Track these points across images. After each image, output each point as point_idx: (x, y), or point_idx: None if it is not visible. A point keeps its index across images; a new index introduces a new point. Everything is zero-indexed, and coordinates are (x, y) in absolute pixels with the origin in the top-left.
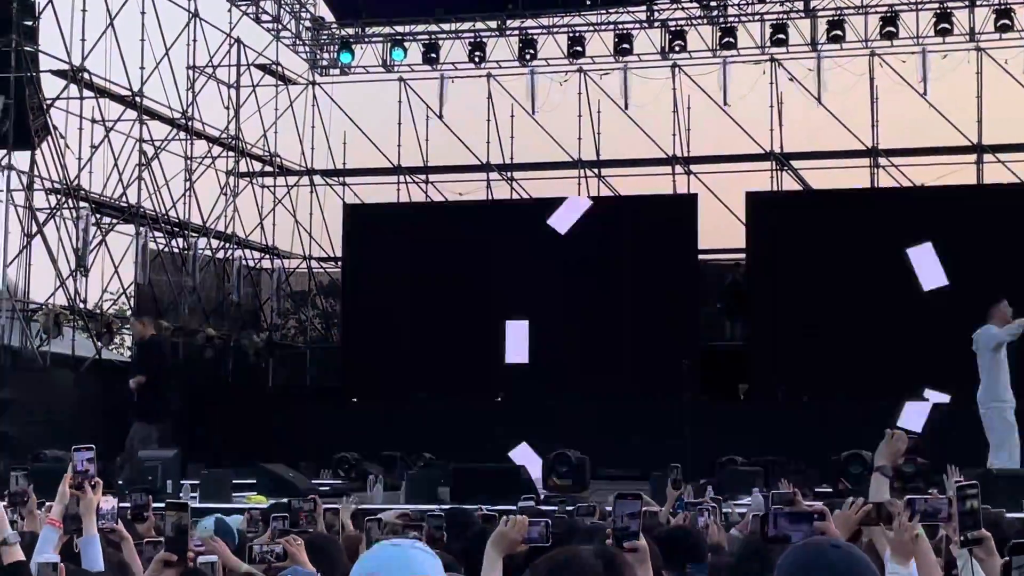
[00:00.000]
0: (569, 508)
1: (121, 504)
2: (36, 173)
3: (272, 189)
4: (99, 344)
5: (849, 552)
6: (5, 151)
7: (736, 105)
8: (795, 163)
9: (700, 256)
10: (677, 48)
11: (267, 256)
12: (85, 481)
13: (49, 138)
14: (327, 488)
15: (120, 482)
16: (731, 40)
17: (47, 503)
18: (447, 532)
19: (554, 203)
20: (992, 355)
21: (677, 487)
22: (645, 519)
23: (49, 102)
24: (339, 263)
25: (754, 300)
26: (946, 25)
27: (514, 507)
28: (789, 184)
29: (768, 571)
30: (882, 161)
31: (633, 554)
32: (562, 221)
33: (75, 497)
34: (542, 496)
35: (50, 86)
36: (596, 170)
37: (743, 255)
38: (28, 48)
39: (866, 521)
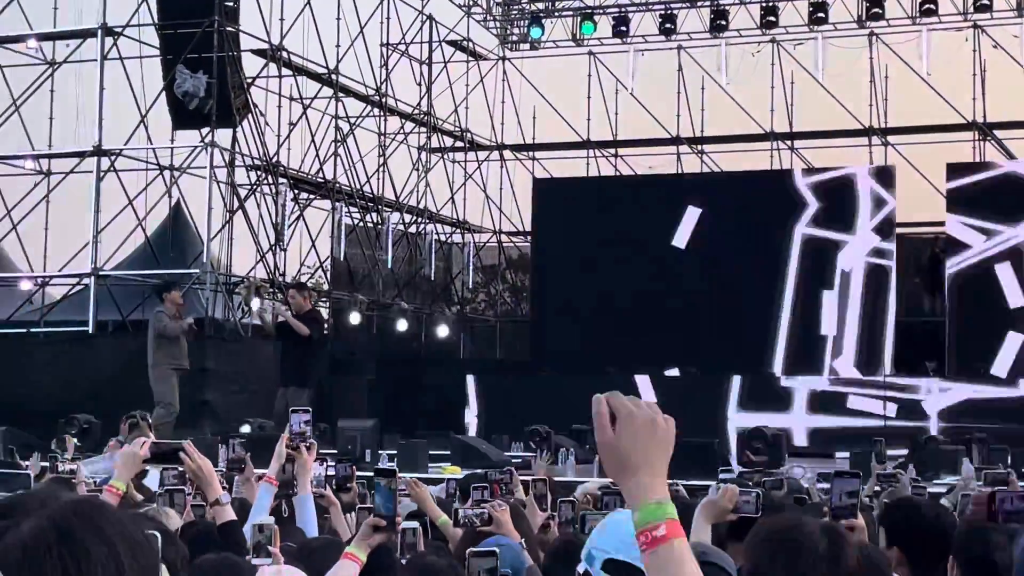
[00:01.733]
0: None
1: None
2: (237, 150)
3: (463, 164)
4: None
5: None
6: (208, 129)
7: (936, 74)
8: (999, 133)
9: (898, 229)
10: (875, 16)
11: (458, 230)
12: (301, 443)
13: (249, 116)
14: (519, 460)
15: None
16: (932, 7)
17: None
18: None
19: (747, 176)
20: None
21: (881, 461)
22: None
23: (249, 81)
24: (528, 237)
25: (952, 274)
26: None
27: (709, 482)
28: (992, 155)
29: (987, 551)
30: None
31: (850, 532)
32: None
33: (290, 459)
34: (737, 472)
35: (250, 65)
36: (789, 142)
37: (943, 228)
38: (229, 28)
39: None
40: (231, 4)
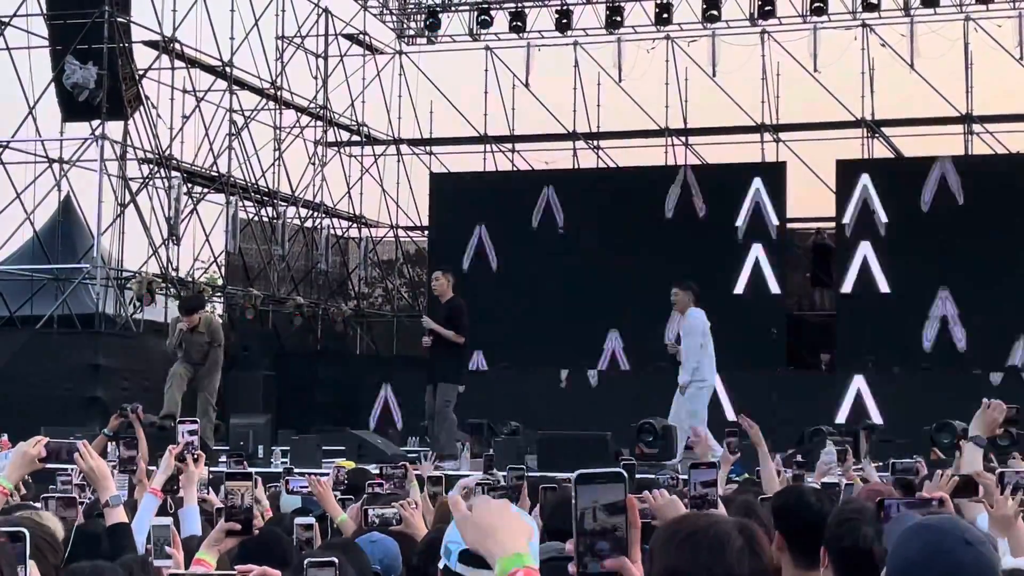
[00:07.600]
0: (650, 476)
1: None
2: (129, 143)
3: (359, 158)
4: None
5: (980, 554)
6: (99, 121)
7: (826, 72)
8: (887, 130)
9: (788, 224)
10: (766, 14)
11: (354, 225)
12: (188, 453)
13: (141, 108)
14: (415, 455)
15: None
16: (822, 5)
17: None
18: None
19: (642, 172)
20: None
21: (734, 452)
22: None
23: (141, 73)
24: (425, 232)
25: (842, 269)
26: None
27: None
28: (880, 151)
29: (856, 542)
30: (976, 128)
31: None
32: None
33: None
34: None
35: (142, 57)
36: (683, 138)
37: (832, 224)
38: (120, 19)
39: (955, 493)
40: None
